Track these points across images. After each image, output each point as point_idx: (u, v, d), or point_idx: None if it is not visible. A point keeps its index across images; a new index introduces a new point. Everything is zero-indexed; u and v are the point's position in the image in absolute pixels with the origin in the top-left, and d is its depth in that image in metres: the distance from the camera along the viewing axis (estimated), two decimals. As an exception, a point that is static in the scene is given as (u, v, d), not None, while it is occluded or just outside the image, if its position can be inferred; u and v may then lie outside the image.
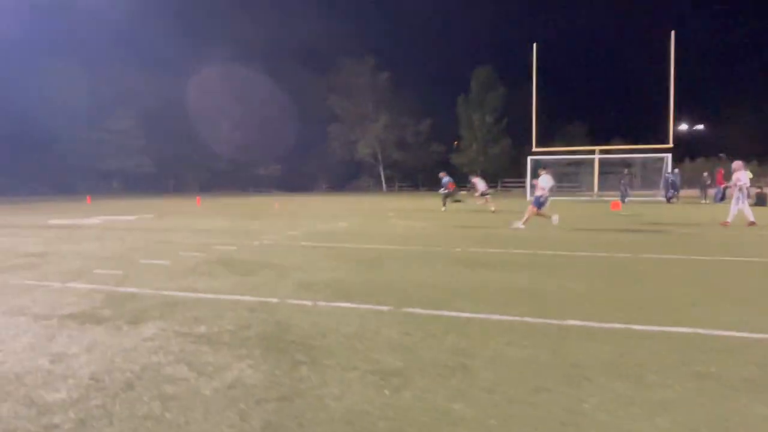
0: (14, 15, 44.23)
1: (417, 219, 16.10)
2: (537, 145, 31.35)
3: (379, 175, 53.80)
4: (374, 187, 54.28)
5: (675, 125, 30.15)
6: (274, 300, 5.17)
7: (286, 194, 48.65)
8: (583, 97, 72.60)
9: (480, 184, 20.30)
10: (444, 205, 20.23)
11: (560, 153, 35.07)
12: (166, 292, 5.57)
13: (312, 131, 53.39)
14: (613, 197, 26.77)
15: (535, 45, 31.85)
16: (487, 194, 20.29)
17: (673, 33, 29.06)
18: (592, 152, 31.74)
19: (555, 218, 12.86)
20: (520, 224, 12.55)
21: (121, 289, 5.75)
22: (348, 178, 55.93)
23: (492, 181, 37.49)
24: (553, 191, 13.45)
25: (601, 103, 70.09)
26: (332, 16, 50.36)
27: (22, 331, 4.18)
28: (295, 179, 55.65)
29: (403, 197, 39.94)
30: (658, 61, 32.68)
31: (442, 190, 20.67)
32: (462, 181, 48.69)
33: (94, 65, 48.07)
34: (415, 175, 54.27)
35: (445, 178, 20.50)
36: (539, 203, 12.75)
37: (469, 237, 10.91)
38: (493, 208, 18.99)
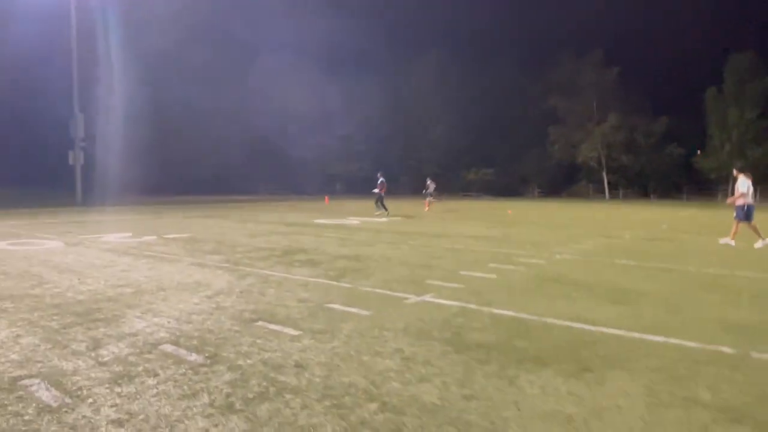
0: (258, 34, 50.75)
1: (710, 233, 13.30)
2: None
3: (602, 181, 49.05)
4: (594, 193, 49.79)
5: None
6: (712, 347, 3.82)
7: (499, 199, 47.30)
8: None
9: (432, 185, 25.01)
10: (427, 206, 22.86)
11: None
12: (551, 320, 4.63)
13: (528, 133, 51.11)
14: None
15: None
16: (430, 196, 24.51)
17: None
18: None
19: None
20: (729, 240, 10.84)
21: (496, 311, 4.98)
22: (564, 183, 52.29)
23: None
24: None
25: None
26: (551, 6, 47.23)
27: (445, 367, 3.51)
28: (506, 183, 53.94)
29: (644, 206, 35.47)
30: None
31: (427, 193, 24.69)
32: (708, 188, 42.01)
33: (323, 75, 52.72)
34: (643, 180, 48.31)
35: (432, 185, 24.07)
36: (746, 214, 10.62)
37: None
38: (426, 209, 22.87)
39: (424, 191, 28.14)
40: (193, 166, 50.68)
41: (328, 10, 52.81)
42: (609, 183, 48.79)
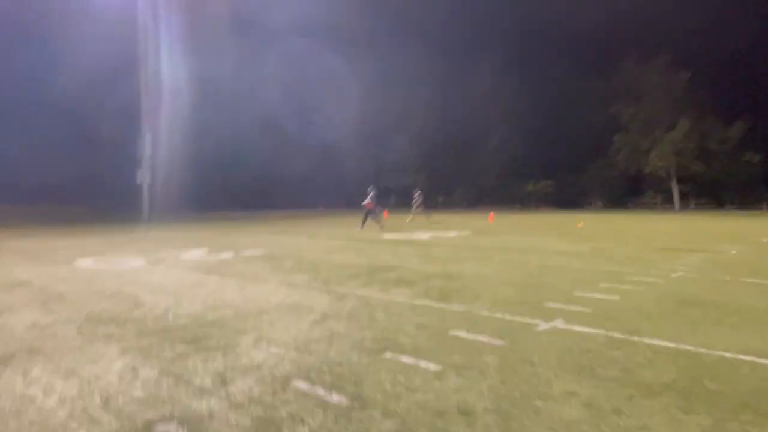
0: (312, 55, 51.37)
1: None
2: None
3: (670, 191, 46.40)
4: (662, 204, 47.17)
5: None
6: None
7: (559, 212, 45.65)
8: None
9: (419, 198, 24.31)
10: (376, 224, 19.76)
11: None
12: (728, 354, 3.91)
13: (590, 142, 49.18)
14: None
15: None
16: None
17: None
18: None
19: None
20: None
21: (649, 341, 4.29)
22: (627, 194, 49.90)
23: None
24: None
25: None
26: (612, 6, 45.32)
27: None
28: (565, 195, 52.07)
29: (724, 217, 33.26)
30: None
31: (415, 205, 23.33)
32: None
33: (377, 87, 52.74)
34: (717, 190, 45.35)
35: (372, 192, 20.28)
36: None
37: None
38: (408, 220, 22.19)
39: (413, 203, 26.22)
40: (250, 180, 51.72)
41: (380, 24, 53.02)
42: (680, 193, 46.10)
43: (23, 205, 37.31)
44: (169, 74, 40.56)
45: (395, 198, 58.36)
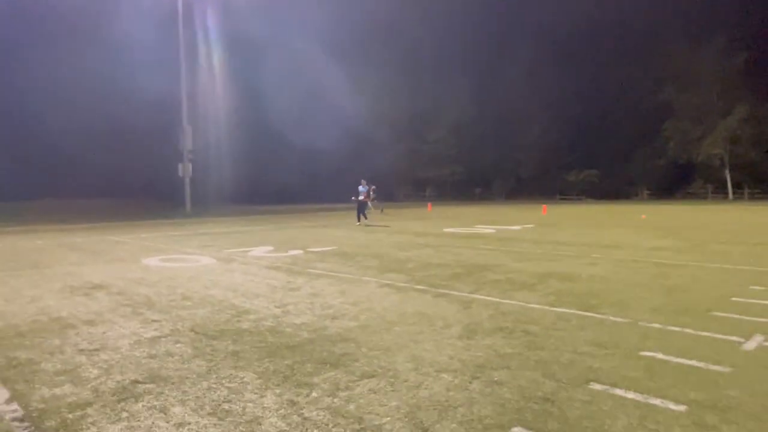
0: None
1: None
2: None
3: (724, 180, 44.07)
4: (713, 193, 44.91)
5: None
6: None
7: (604, 202, 43.98)
8: None
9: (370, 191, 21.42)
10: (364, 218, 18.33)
11: None
12: None
13: (636, 130, 47.05)
14: None
15: None
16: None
17: None
18: None
19: None
20: None
21: None
22: (675, 183, 47.67)
23: None
24: None
25: None
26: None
27: None
28: (609, 185, 50.08)
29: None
30: None
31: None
32: None
33: (412, 78, 51.51)
34: (774, 179, 42.90)
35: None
36: None
37: None
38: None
39: (372, 197, 24.80)
40: (285, 173, 51.31)
41: (412, 14, 51.76)
42: (733, 182, 43.74)
43: (64, 199, 37.66)
44: (210, 68, 40.38)
45: (430, 191, 57.37)
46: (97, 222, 22.28)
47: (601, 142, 49.94)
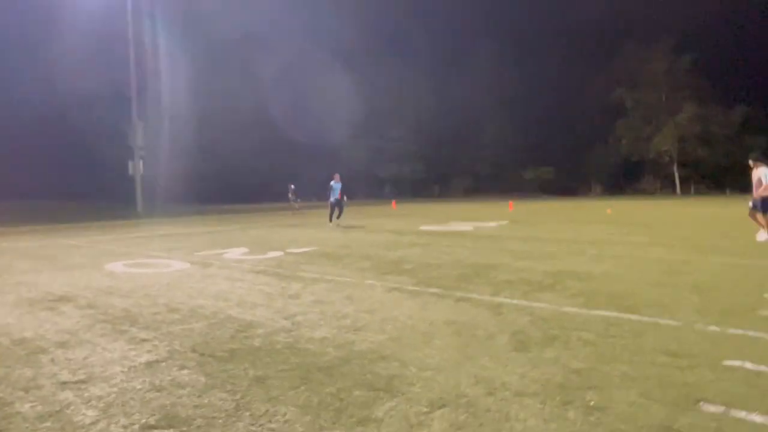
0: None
1: None
2: None
3: (671, 176, 45.94)
4: (662, 189, 46.72)
5: None
6: None
7: (559, 198, 44.94)
8: None
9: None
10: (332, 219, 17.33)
11: None
12: None
13: (590, 129, 48.41)
14: None
15: None
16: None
17: None
18: None
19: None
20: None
21: None
22: (626, 179, 49.36)
23: None
24: None
25: None
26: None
27: None
28: (564, 182, 51.33)
29: (729, 201, 32.80)
30: None
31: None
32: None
33: (370, 75, 51.03)
34: (718, 175, 45.00)
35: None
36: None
37: None
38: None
39: (290, 196, 25.34)
40: (237, 173, 49.70)
41: (372, 7, 51.28)
42: (681, 178, 45.64)
43: (7, 202, 35.02)
44: (155, 62, 38.47)
45: (389, 188, 57.09)
46: (39, 224, 20.61)
47: (556, 140, 51.14)
